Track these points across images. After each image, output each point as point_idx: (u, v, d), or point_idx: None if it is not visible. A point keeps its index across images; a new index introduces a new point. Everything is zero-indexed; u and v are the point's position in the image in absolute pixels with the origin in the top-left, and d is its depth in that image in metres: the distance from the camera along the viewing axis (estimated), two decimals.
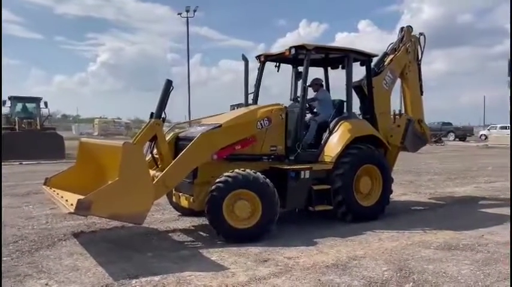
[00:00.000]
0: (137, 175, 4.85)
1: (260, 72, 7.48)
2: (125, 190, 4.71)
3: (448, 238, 5.58)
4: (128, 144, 4.97)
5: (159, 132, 5.62)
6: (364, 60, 7.37)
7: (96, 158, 5.93)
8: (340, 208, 6.34)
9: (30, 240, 5.54)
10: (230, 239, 5.30)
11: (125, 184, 4.71)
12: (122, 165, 4.74)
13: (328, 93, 7.37)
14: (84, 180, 5.68)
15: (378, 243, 5.39)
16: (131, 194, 4.74)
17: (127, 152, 4.82)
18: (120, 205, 4.70)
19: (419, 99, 8.72)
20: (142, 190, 4.87)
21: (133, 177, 4.80)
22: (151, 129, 5.57)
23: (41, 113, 22.10)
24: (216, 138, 5.76)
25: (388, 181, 6.88)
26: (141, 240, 5.55)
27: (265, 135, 6.17)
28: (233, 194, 5.30)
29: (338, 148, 6.43)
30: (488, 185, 10.63)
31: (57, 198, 5.37)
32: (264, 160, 6.17)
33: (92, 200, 4.51)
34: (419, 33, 8.71)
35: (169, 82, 5.71)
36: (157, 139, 5.63)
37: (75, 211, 4.49)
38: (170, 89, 5.72)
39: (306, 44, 6.53)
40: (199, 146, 5.57)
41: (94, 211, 4.59)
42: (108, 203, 4.64)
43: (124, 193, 4.70)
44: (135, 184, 4.80)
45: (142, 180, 4.90)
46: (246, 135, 6.02)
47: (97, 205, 4.53)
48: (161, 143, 5.67)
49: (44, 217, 6.95)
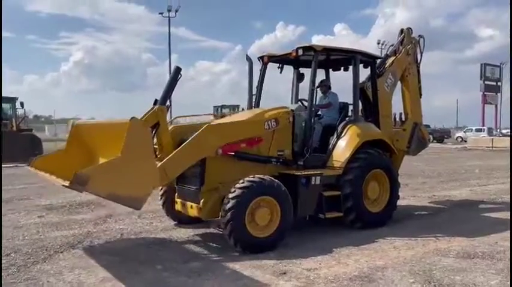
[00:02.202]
0: (142, 154, 4.44)
1: (262, 73, 7.21)
2: (126, 168, 4.28)
3: (463, 245, 5.44)
4: (136, 120, 4.51)
5: (162, 119, 5.25)
6: (368, 62, 7.21)
7: (92, 141, 5.50)
8: (349, 215, 6.14)
9: (23, 252, 5.11)
10: (247, 250, 5.00)
11: (128, 162, 4.28)
12: (127, 141, 4.29)
13: (337, 96, 7.16)
14: (73, 164, 5.13)
15: (395, 252, 5.19)
16: (133, 175, 4.32)
17: (134, 127, 4.40)
18: (119, 185, 4.26)
19: (418, 101, 8.62)
20: (145, 171, 4.46)
21: (138, 156, 4.38)
22: (154, 115, 5.18)
23: (17, 113, 21.21)
24: (223, 132, 5.50)
25: (396, 186, 6.73)
26: (146, 251, 5.20)
27: (272, 137, 5.93)
28: (257, 200, 5.03)
29: (347, 152, 6.22)
30: (482, 188, 10.65)
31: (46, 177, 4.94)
32: (272, 162, 5.91)
33: (89, 175, 4.06)
34: (418, 36, 8.63)
35: (178, 69, 5.41)
36: (159, 127, 5.24)
37: (70, 185, 4.04)
38: (178, 77, 5.41)
39: (315, 45, 6.31)
40: (205, 136, 5.27)
41: (91, 187, 4.11)
42: (107, 181, 4.20)
43: (125, 172, 4.27)
44: (139, 163, 4.38)
45: (147, 160, 4.50)
46: (253, 134, 5.77)
47: (95, 180, 4.08)
48: (163, 131, 5.30)
49: (34, 225, 6.50)
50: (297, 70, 7.60)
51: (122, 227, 6.41)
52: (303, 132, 6.22)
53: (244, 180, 5.06)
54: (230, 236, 4.99)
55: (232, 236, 4.98)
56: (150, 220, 6.82)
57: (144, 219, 6.91)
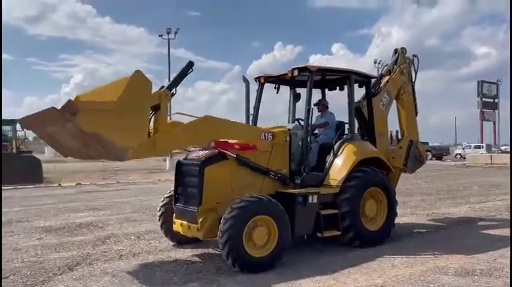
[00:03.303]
0: (136, 107, 4.38)
1: (259, 93, 7.32)
2: (118, 114, 4.21)
3: (462, 263, 5.44)
4: (140, 73, 4.48)
5: (163, 103, 5.09)
6: (363, 82, 7.33)
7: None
8: (347, 234, 6.15)
9: (22, 274, 5.12)
10: (246, 269, 5.00)
11: (121, 109, 4.22)
12: (126, 88, 4.26)
13: (334, 115, 7.25)
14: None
15: (394, 270, 5.20)
16: (122, 124, 4.25)
17: (137, 79, 4.38)
18: (107, 128, 4.16)
19: (414, 119, 8.71)
20: (135, 125, 4.42)
21: (132, 107, 4.32)
22: (157, 96, 5.01)
23: (17, 135, 21.33)
24: (220, 126, 5.58)
25: (393, 203, 6.76)
26: (145, 272, 5.19)
27: (271, 152, 6.00)
28: (254, 219, 5.06)
29: (344, 171, 6.29)
30: (481, 205, 10.66)
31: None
32: (270, 175, 5.96)
33: (80, 108, 4.00)
34: (412, 55, 8.78)
35: (191, 63, 5.48)
36: (159, 110, 5.07)
37: (61, 109, 3.99)
38: (189, 70, 5.47)
39: (310, 66, 6.44)
40: (202, 125, 5.38)
41: (79, 120, 4.02)
42: (96, 119, 4.10)
43: (116, 118, 4.20)
44: (131, 115, 4.32)
45: (139, 115, 4.46)
46: (247, 139, 5.87)
47: (84, 114, 4.03)
48: (162, 116, 5.11)
49: (32, 248, 6.50)
50: (294, 90, 7.73)
51: (121, 248, 6.41)
52: (299, 151, 6.29)
53: (241, 199, 5.10)
54: (228, 256, 5.00)
55: (230, 256, 4.99)
56: (149, 241, 6.82)
57: (143, 240, 6.91)
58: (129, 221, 8.67)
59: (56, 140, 4.84)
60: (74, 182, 18.45)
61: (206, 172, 5.43)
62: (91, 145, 4.44)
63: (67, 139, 4.55)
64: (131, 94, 4.32)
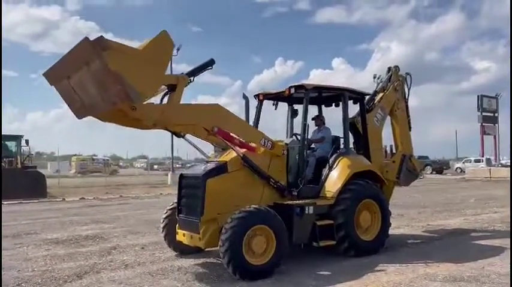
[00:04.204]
0: (157, 61, 4.88)
1: (258, 110, 7.69)
2: (141, 63, 4.70)
3: (451, 270, 5.72)
4: (167, 33, 4.93)
5: (180, 86, 5.48)
6: (357, 99, 7.70)
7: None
8: (343, 244, 6.43)
9: (33, 282, 5.41)
10: (246, 277, 5.29)
11: (145, 59, 4.72)
12: (151, 43, 4.79)
13: (330, 130, 7.60)
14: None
15: (386, 277, 5.48)
16: (143, 71, 4.73)
17: (163, 37, 4.86)
18: (130, 72, 4.60)
19: (408, 134, 9.04)
20: (153, 74, 4.91)
21: (154, 60, 4.82)
22: (175, 78, 5.48)
23: (21, 151, 21.71)
24: (227, 117, 5.93)
25: (387, 214, 7.04)
26: (150, 280, 5.47)
27: (270, 162, 6.31)
28: (253, 229, 5.35)
29: (339, 183, 6.60)
30: (475, 218, 10.93)
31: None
32: (271, 183, 6.25)
33: (110, 45, 4.47)
34: (405, 73, 9.16)
35: (213, 61, 5.93)
36: (174, 91, 5.45)
37: (94, 41, 4.40)
38: (209, 66, 5.91)
39: (305, 84, 6.81)
40: (211, 109, 5.79)
41: (107, 56, 4.44)
42: (122, 61, 4.55)
43: (139, 65, 4.68)
44: (152, 65, 4.81)
45: (158, 68, 4.95)
46: (248, 139, 6.20)
47: (113, 52, 4.49)
48: (176, 95, 5.47)
49: (42, 258, 6.79)
50: (291, 106, 8.10)
51: (126, 258, 6.69)
52: (296, 164, 6.62)
53: (241, 210, 5.41)
54: (229, 264, 5.29)
55: (230, 264, 5.28)
56: (153, 251, 7.11)
57: (147, 251, 7.20)
58: (133, 233, 8.95)
59: (75, 93, 5.08)
60: (77, 197, 18.74)
61: (208, 184, 5.76)
62: (111, 88, 4.70)
63: (88, 86, 4.86)
64: (155, 48, 4.84)
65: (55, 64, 5.06)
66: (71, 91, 5.04)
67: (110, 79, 4.58)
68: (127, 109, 4.90)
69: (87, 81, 4.79)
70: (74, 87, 4.99)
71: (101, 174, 43.26)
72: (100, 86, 4.71)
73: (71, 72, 4.91)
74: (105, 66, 4.48)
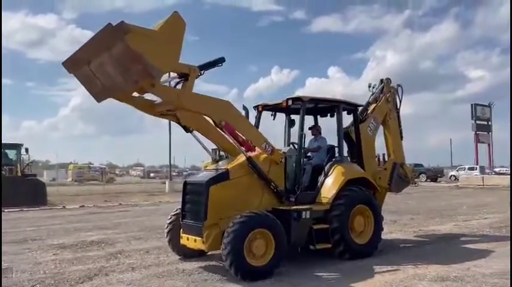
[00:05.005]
0: (173, 39, 5.26)
1: (257, 120, 8.08)
2: (158, 42, 5.08)
3: (439, 271, 6.11)
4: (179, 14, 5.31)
5: (191, 77, 5.81)
6: (351, 110, 8.13)
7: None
8: (338, 247, 6.81)
9: (47, 284, 5.74)
10: (247, 278, 5.65)
11: (161, 38, 5.11)
12: (165, 23, 5.17)
13: (326, 140, 8.01)
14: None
15: (378, 276, 5.88)
16: (161, 50, 5.11)
17: (175, 17, 5.25)
18: (149, 53, 4.96)
19: (400, 143, 9.47)
20: (170, 51, 5.30)
21: (169, 38, 5.21)
22: (187, 67, 5.78)
23: (21, 159, 21.95)
24: (235, 114, 6.35)
25: (379, 219, 7.44)
26: (156, 282, 5.81)
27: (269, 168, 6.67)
28: (253, 233, 5.72)
29: (333, 190, 7.00)
30: (466, 223, 11.35)
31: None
32: (271, 186, 6.60)
33: (131, 29, 4.83)
34: (397, 85, 9.61)
35: (223, 59, 6.33)
36: (187, 81, 5.80)
37: (116, 26, 4.76)
38: (219, 63, 6.31)
39: (302, 96, 7.23)
40: (221, 104, 6.20)
41: (128, 39, 4.79)
42: (141, 42, 4.90)
43: (157, 44, 5.06)
44: (168, 42, 5.20)
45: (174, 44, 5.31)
46: (249, 138, 6.50)
47: (134, 35, 4.83)
48: (189, 84, 5.80)
49: (51, 262, 7.11)
50: (289, 117, 8.51)
51: (132, 261, 7.04)
52: (293, 171, 7.01)
53: (242, 215, 5.79)
54: (231, 266, 5.66)
55: (233, 265, 5.64)
56: (157, 255, 7.45)
57: (152, 254, 7.54)
58: (137, 239, 9.29)
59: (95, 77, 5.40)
60: (77, 205, 19.01)
61: (211, 191, 6.13)
62: (132, 68, 5.08)
63: (108, 69, 5.21)
64: (170, 28, 5.25)
65: (75, 52, 5.41)
66: (91, 76, 5.40)
67: (131, 60, 4.99)
68: (147, 86, 5.33)
69: (107, 64, 5.17)
70: (94, 72, 5.35)
71: (98, 182, 43.45)
72: (122, 67, 5.10)
73: (91, 57, 5.28)
74: (127, 48, 4.87)
